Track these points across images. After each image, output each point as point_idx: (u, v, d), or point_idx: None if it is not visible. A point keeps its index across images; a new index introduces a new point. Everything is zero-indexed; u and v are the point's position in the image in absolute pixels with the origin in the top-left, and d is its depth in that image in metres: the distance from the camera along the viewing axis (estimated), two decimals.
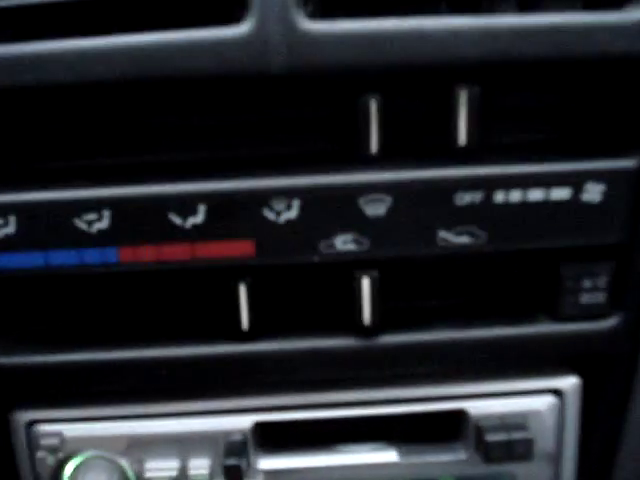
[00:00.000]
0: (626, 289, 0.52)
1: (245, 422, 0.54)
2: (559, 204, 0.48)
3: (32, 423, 0.54)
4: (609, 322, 0.52)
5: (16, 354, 0.52)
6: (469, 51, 0.45)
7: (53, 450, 0.54)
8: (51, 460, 0.54)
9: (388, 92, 0.47)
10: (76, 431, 0.54)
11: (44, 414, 0.55)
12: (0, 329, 0.53)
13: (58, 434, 0.54)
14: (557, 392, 0.55)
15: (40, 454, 0.54)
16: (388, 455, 0.55)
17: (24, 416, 0.54)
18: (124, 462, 0.54)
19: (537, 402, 0.55)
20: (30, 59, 0.44)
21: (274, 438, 0.55)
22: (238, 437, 0.54)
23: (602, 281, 0.51)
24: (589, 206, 0.49)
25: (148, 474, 0.54)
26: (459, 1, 0.49)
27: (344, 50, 0.44)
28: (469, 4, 0.49)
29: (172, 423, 0.54)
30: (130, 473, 0.54)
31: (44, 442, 0.54)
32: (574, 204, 0.48)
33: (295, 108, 0.49)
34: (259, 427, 0.54)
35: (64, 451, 0.54)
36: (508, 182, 0.48)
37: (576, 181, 0.48)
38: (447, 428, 0.55)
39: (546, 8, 0.48)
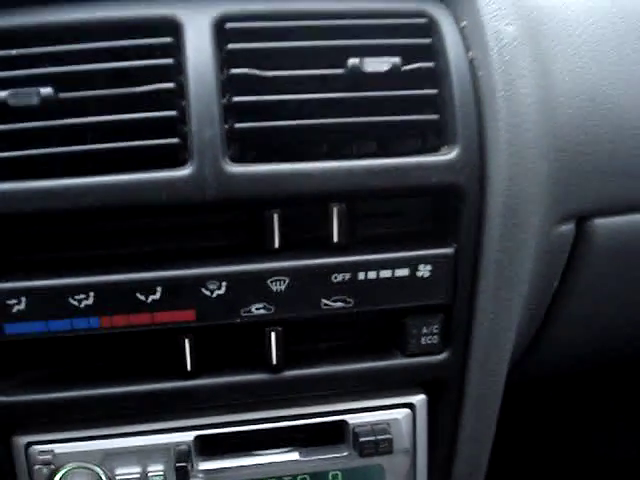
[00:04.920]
0: (451, 333, 0.76)
1: (189, 436, 0.74)
2: (402, 279, 0.72)
3: (29, 445, 0.73)
4: (441, 356, 0.76)
5: (17, 394, 0.71)
6: (337, 185, 0.68)
7: (46, 463, 0.74)
8: (45, 471, 0.74)
9: (285, 207, 0.70)
10: (63, 449, 0.73)
11: (38, 437, 0.73)
12: (4, 373, 0.72)
13: (50, 451, 0.73)
14: (410, 406, 0.79)
15: (36, 467, 0.74)
16: (292, 456, 0.77)
17: (22, 439, 0.73)
18: (100, 470, 0.74)
19: (396, 413, 0.78)
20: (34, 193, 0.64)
21: (210, 447, 0.77)
22: (184, 447, 0.75)
23: (435, 328, 0.75)
24: (422, 280, 0.73)
25: (118, 478, 0.75)
26: (336, 147, 0.72)
27: (256, 186, 0.67)
28: (343, 148, 0.72)
29: (135, 439, 0.74)
30: (104, 478, 0.75)
31: (39, 458, 0.73)
32: (412, 278, 0.72)
33: (223, 219, 0.71)
34: (199, 439, 0.75)
35: (55, 464, 0.74)
36: (367, 266, 0.71)
37: (412, 264, 0.72)
38: (334, 435, 0.78)
39: (397, 149, 0.71)
